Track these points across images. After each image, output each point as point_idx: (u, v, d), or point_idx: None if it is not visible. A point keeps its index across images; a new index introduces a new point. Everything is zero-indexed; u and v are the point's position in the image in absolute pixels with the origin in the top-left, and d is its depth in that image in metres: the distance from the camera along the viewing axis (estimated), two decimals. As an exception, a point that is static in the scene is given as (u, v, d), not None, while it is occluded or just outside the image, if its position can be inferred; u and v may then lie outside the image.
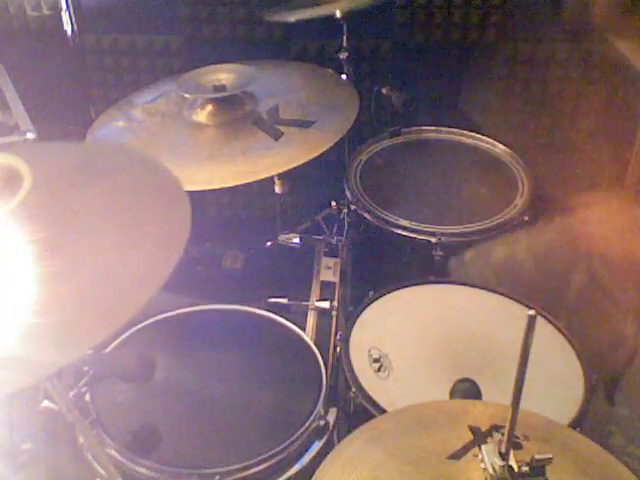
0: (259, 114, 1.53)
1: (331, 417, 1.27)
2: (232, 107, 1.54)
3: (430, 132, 2.00)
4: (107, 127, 1.59)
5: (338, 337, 1.36)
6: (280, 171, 1.41)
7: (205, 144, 1.50)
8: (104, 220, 0.94)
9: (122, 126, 1.58)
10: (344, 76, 1.88)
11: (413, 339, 1.35)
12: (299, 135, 1.46)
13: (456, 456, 0.88)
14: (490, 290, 1.46)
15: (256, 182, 1.36)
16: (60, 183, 1.00)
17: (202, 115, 1.53)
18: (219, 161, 1.41)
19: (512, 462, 0.83)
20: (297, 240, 1.88)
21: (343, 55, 1.88)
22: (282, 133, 1.45)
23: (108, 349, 1.36)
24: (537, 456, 0.82)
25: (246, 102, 1.56)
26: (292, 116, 1.52)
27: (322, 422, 1.24)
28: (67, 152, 1.14)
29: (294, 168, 1.39)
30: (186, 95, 1.54)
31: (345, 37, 1.87)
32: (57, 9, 2.08)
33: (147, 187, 1.02)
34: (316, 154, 1.40)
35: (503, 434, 0.82)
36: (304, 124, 1.49)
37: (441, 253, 1.58)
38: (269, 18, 1.85)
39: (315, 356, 1.36)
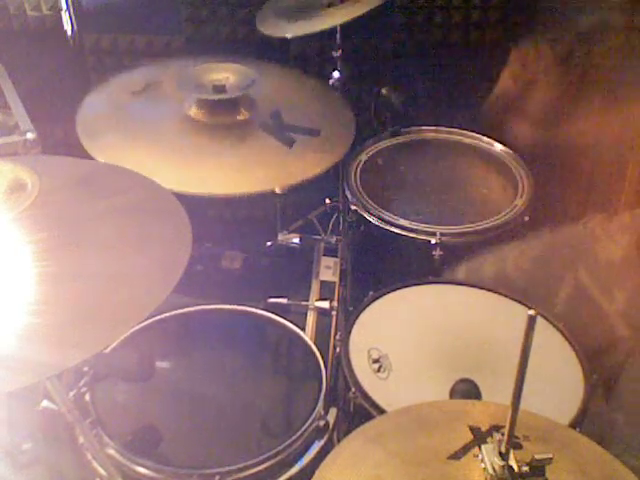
0: (266, 119, 1.51)
1: (331, 417, 1.27)
2: (234, 110, 1.53)
3: (430, 132, 2.00)
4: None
5: (338, 337, 1.35)
6: (295, 182, 1.38)
7: (211, 148, 1.48)
8: (107, 232, 0.96)
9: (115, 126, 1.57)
10: (337, 73, 1.88)
11: (413, 339, 1.35)
12: (309, 145, 1.44)
13: (456, 456, 0.87)
14: (490, 290, 1.46)
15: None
16: (64, 195, 1.02)
17: (199, 114, 1.52)
18: (231, 169, 1.40)
19: (512, 462, 0.83)
20: (297, 240, 1.88)
21: (337, 53, 1.89)
22: (294, 140, 1.43)
23: (108, 349, 1.36)
24: (537, 456, 0.82)
25: (248, 106, 1.54)
26: (295, 123, 1.51)
27: (322, 422, 1.24)
28: (73, 167, 1.16)
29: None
30: (185, 94, 1.53)
31: (339, 35, 1.88)
32: (57, 9, 2.09)
33: (150, 207, 1.04)
34: (329, 164, 1.39)
35: (503, 434, 0.82)
36: (312, 132, 1.47)
37: (441, 253, 1.58)
38: (266, 31, 1.84)
39: (315, 356, 1.36)
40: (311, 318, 1.55)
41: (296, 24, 1.76)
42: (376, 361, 1.28)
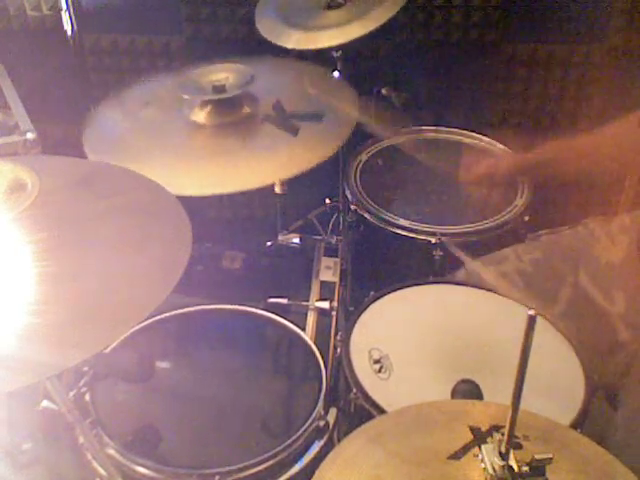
0: (269, 112, 1.50)
1: (331, 417, 1.27)
2: (235, 108, 1.53)
3: (430, 132, 2.00)
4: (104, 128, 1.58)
5: (338, 337, 1.35)
6: (305, 169, 1.36)
7: (212, 147, 1.47)
8: (107, 232, 0.96)
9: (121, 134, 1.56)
10: (337, 73, 1.88)
11: (414, 339, 1.35)
12: (314, 129, 1.43)
13: (456, 456, 0.87)
14: (490, 290, 1.46)
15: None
16: (64, 195, 1.02)
17: (201, 116, 1.52)
18: (240, 166, 1.39)
19: (512, 462, 0.82)
20: (297, 240, 1.88)
21: (337, 53, 1.89)
22: (299, 127, 1.42)
23: (108, 349, 1.36)
24: (537, 456, 0.82)
25: (249, 102, 1.54)
26: (298, 111, 1.50)
27: (322, 422, 1.24)
28: (73, 167, 1.16)
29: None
30: (185, 96, 1.53)
31: None
32: (57, 9, 2.09)
33: (150, 207, 1.04)
34: (336, 146, 1.38)
35: (503, 434, 0.82)
36: (314, 117, 1.46)
37: (441, 253, 1.58)
38: (265, 35, 1.83)
39: (315, 356, 1.36)
40: (311, 318, 1.55)
41: (297, 33, 1.76)
42: (377, 361, 1.28)
